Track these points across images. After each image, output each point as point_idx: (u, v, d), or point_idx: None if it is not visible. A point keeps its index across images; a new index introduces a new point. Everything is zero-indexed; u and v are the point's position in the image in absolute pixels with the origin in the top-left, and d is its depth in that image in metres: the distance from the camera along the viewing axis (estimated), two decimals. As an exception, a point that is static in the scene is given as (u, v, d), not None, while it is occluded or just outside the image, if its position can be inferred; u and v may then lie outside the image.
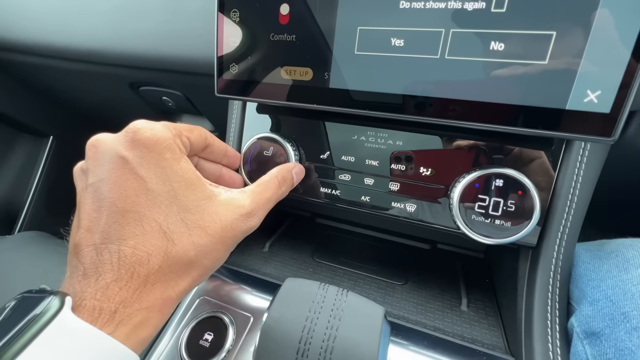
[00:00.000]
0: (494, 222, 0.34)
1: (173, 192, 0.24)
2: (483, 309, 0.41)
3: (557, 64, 0.27)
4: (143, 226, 0.23)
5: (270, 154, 0.42)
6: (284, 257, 0.49)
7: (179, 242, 0.24)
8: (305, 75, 0.37)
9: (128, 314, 0.21)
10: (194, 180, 0.26)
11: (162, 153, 0.25)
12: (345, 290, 0.28)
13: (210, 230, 0.25)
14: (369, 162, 0.40)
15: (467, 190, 0.35)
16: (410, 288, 0.44)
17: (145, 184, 0.24)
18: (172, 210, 0.24)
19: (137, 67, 0.55)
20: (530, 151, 0.35)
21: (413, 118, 0.33)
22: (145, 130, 0.25)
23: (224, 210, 0.26)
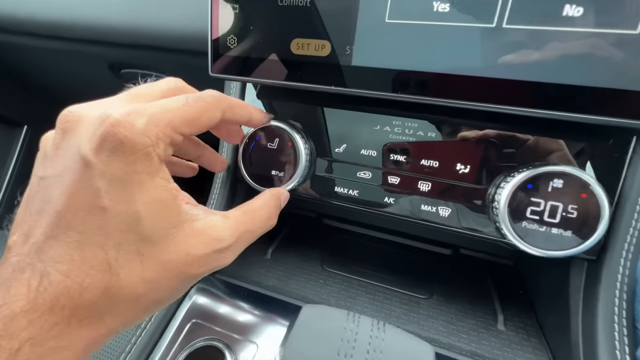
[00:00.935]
0: (550, 231, 0.28)
1: (135, 215, 0.19)
2: (523, 328, 0.36)
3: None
4: (84, 252, 0.18)
5: (275, 147, 0.35)
6: (289, 265, 0.43)
7: (126, 277, 0.19)
8: (321, 49, 0.30)
9: (38, 353, 0.17)
10: (167, 202, 0.20)
11: (133, 164, 0.19)
12: (382, 323, 0.22)
13: (170, 265, 0.20)
14: (394, 157, 0.34)
15: (517, 192, 0.29)
16: (436, 302, 0.38)
17: (100, 201, 0.18)
18: (127, 239, 0.19)
19: (115, 44, 0.47)
20: (592, 146, 0.29)
21: (458, 104, 0.27)
22: (121, 129, 0.19)
23: (196, 241, 0.21)
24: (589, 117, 0.24)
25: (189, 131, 0.22)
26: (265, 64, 0.32)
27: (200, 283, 0.36)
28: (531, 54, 0.24)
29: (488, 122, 0.31)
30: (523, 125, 0.30)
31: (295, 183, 0.35)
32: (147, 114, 0.20)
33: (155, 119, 0.20)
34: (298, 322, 0.22)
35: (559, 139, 0.30)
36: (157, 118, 0.20)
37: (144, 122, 0.19)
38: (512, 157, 0.31)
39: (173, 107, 0.21)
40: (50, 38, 0.52)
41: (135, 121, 0.19)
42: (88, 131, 0.19)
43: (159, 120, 0.20)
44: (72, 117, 0.20)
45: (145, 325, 0.32)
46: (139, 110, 0.20)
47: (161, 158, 0.20)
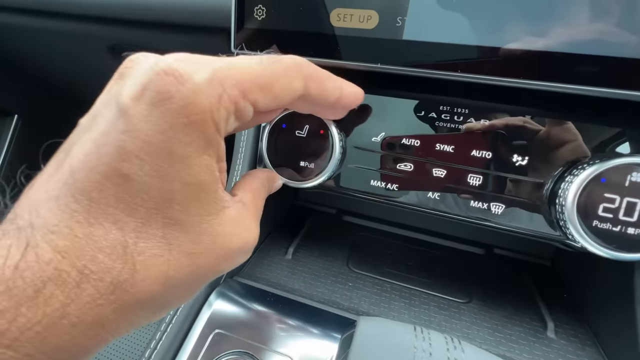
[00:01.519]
0: (626, 231, 0.25)
1: (169, 195, 0.15)
2: (575, 335, 0.33)
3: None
4: (93, 227, 0.14)
5: (304, 135, 0.31)
6: (313, 266, 0.39)
7: (143, 269, 0.15)
8: (366, 21, 0.26)
9: (9, 357, 0.12)
10: (207, 185, 0.16)
11: (181, 130, 0.15)
12: (457, 341, 0.19)
13: (201, 259, 0.16)
14: (440, 146, 0.30)
15: (588, 188, 0.25)
16: (477, 307, 0.35)
17: (124, 165, 0.14)
18: (153, 220, 0.15)
19: (117, 21, 0.42)
20: None
21: (532, 84, 0.23)
22: (174, 79, 0.14)
23: (231, 232, 0.18)
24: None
25: (263, 100, 0.17)
26: (298, 38, 0.28)
27: (220, 287, 0.32)
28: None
29: (554, 110, 0.28)
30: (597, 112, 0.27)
31: (327, 176, 0.31)
32: (212, 66, 0.16)
33: (220, 74, 0.15)
34: (356, 340, 0.18)
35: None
36: (224, 74, 0.16)
37: (206, 76, 0.15)
38: (583, 147, 0.27)
39: (244, 65, 0.17)
40: (47, 15, 0.47)
41: (196, 73, 0.15)
42: (137, 75, 0.15)
43: (225, 76, 0.16)
44: (135, 61, 0.16)
45: (160, 337, 0.28)
46: (204, 61, 0.16)
47: (219, 129, 0.16)
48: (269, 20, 0.28)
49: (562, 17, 0.22)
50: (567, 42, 0.22)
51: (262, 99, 0.17)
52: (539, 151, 0.28)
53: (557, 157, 0.28)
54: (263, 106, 0.17)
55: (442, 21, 0.24)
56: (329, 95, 0.21)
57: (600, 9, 0.21)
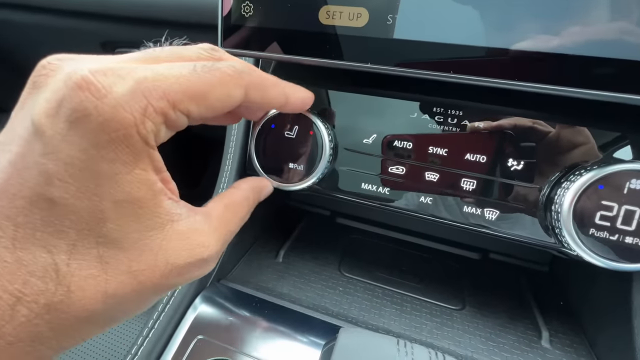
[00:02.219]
0: (624, 240, 0.24)
1: (100, 215, 0.14)
2: (570, 345, 0.32)
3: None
4: (22, 253, 0.13)
5: (293, 136, 0.31)
6: (303, 270, 0.38)
7: (79, 290, 0.14)
8: (356, 19, 0.25)
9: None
10: (143, 200, 0.15)
11: (104, 147, 0.14)
12: (441, 355, 0.18)
13: (143, 276, 0.16)
14: (433, 149, 0.29)
15: (584, 194, 0.24)
16: (470, 314, 0.34)
17: (49, 190, 0.13)
18: (86, 241, 0.14)
19: (110, 17, 0.41)
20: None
21: (530, 87, 0.22)
22: (90, 94, 0.13)
23: (178, 247, 0.17)
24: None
25: (197, 109, 0.16)
26: (286, 36, 0.27)
27: (206, 291, 0.31)
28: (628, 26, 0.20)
29: (552, 112, 0.27)
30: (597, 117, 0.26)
31: (316, 178, 0.30)
32: (134, 77, 0.14)
33: (144, 86, 0.14)
34: (337, 353, 0.17)
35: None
36: (148, 85, 0.14)
37: (127, 88, 0.14)
38: (582, 152, 0.26)
39: (174, 74, 0.15)
40: (37, 11, 0.47)
41: (115, 86, 0.14)
42: (51, 89, 0.14)
43: (150, 88, 0.14)
44: (49, 67, 0.15)
45: (141, 342, 0.27)
46: (125, 71, 0.14)
47: (148, 141, 0.15)
48: (256, 18, 0.27)
49: (558, 16, 0.21)
50: (563, 44, 0.21)
51: (195, 109, 0.16)
52: (538, 157, 0.27)
53: (557, 163, 0.27)
54: (197, 116, 0.16)
55: (434, 19, 0.23)
56: (273, 102, 0.21)
57: (595, 9, 0.20)
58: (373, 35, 0.25)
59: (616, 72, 0.21)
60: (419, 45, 0.24)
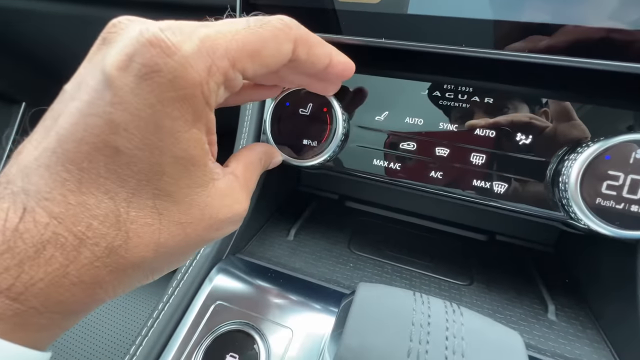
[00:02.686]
0: (630, 209, 0.25)
1: (159, 168, 0.15)
2: (576, 318, 0.32)
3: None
4: (85, 196, 0.14)
5: (307, 113, 0.32)
6: (314, 247, 0.39)
7: (136, 237, 0.15)
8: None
9: (15, 309, 0.13)
10: (197, 159, 0.17)
11: (170, 104, 0.15)
12: (456, 306, 0.19)
13: (190, 228, 0.17)
14: (444, 125, 0.30)
15: (591, 165, 0.25)
16: (478, 290, 0.35)
17: (115, 139, 0.14)
18: (144, 191, 0.15)
19: (124, 2, 0.42)
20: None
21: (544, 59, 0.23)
22: (162, 51, 0.14)
23: (220, 204, 0.18)
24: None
25: (252, 67, 0.17)
26: (302, 13, 0.28)
27: (222, 263, 0.32)
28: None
29: (560, 90, 0.28)
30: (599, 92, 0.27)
31: (330, 154, 0.31)
32: (199, 36, 0.15)
33: (208, 44, 0.15)
34: (356, 303, 0.18)
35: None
36: (212, 44, 0.15)
37: (195, 46, 0.15)
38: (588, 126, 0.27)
39: (231, 31, 0.16)
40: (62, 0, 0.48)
41: (184, 44, 0.14)
42: (123, 44, 0.15)
43: (213, 46, 0.15)
44: (119, 26, 0.16)
45: (162, 307, 0.28)
46: (191, 29, 0.15)
47: (209, 102, 0.16)
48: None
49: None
50: (582, 15, 0.22)
51: (251, 66, 0.17)
52: (547, 132, 0.28)
53: (564, 139, 0.28)
54: (252, 73, 0.17)
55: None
56: (317, 62, 0.20)
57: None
58: (387, 11, 0.26)
59: (626, 42, 0.22)
60: (433, 20, 0.25)
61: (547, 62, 0.24)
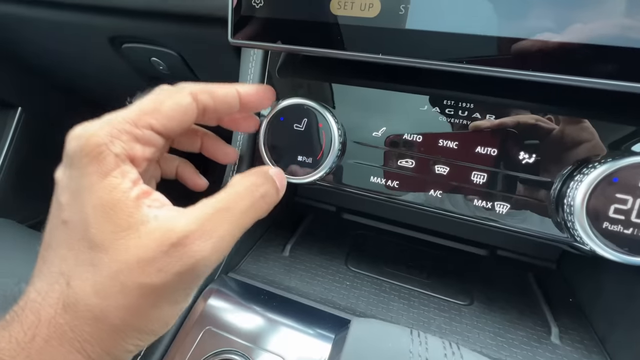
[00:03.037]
0: (639, 234, 0.24)
1: (86, 222, 0.18)
2: (580, 341, 0.31)
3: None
4: (48, 266, 0.18)
5: (302, 129, 0.30)
6: (310, 264, 0.38)
7: (80, 289, 0.17)
8: (368, 9, 0.25)
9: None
10: (116, 203, 0.18)
11: (85, 167, 0.18)
12: (455, 346, 0.18)
13: (123, 275, 0.17)
14: (443, 142, 0.29)
15: (598, 188, 0.24)
16: (479, 310, 0.34)
17: (61, 214, 0.19)
18: (82, 248, 0.18)
19: (117, 10, 0.41)
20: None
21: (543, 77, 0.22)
22: (73, 139, 0.19)
23: (146, 241, 0.17)
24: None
25: (156, 122, 0.20)
26: (297, 27, 0.27)
27: (213, 284, 0.31)
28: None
29: (563, 106, 0.26)
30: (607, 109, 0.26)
31: (326, 171, 0.30)
32: (103, 119, 0.19)
33: (108, 118, 0.20)
34: (349, 343, 0.17)
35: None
36: (111, 117, 0.20)
37: (98, 124, 0.19)
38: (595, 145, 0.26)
39: (130, 107, 0.20)
40: (42, 5, 0.47)
41: (88, 128, 0.19)
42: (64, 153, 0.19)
43: (112, 118, 0.19)
44: (74, 134, 0.20)
45: (150, 333, 0.27)
46: (91, 123, 0.19)
47: (119, 156, 0.19)
48: (266, 8, 0.27)
49: (583, 6, 0.21)
50: (587, 34, 0.21)
51: (155, 122, 0.20)
52: (551, 150, 0.27)
53: (570, 156, 0.27)
54: (161, 127, 0.20)
55: (447, 9, 0.23)
56: (227, 99, 0.23)
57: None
58: (385, 26, 0.24)
59: (630, 62, 0.21)
60: (431, 36, 0.24)
61: (544, 80, 0.23)
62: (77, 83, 0.80)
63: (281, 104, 0.30)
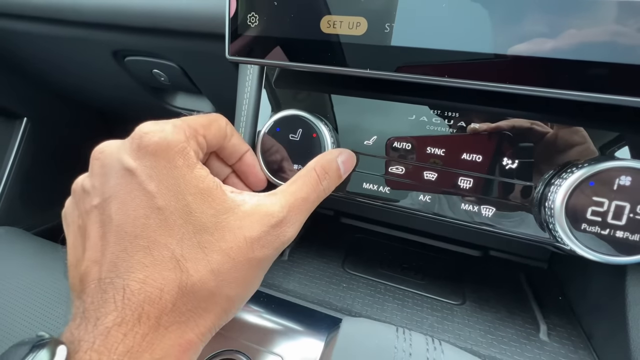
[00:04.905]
0: (614, 235, 0.25)
1: (187, 208, 0.20)
2: (567, 338, 0.33)
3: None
4: (153, 255, 0.19)
5: (297, 139, 0.32)
6: (308, 267, 0.40)
7: (195, 271, 0.19)
8: (355, 28, 0.26)
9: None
10: (211, 189, 0.21)
11: (173, 160, 0.20)
12: (438, 342, 0.19)
13: (233, 252, 0.20)
14: (431, 150, 0.30)
15: (576, 191, 0.25)
16: (470, 309, 0.35)
17: (155, 201, 0.19)
18: (187, 232, 0.19)
19: (121, 27, 0.43)
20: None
21: (516, 89, 0.24)
22: (153, 134, 0.21)
23: (249, 222, 0.21)
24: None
25: (208, 136, 0.24)
26: (290, 45, 0.28)
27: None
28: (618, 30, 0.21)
29: (544, 113, 0.28)
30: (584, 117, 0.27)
31: (320, 178, 0.32)
32: (171, 122, 0.22)
33: (178, 123, 0.22)
34: (340, 341, 0.19)
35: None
36: (180, 122, 0.23)
37: (171, 126, 0.22)
38: (574, 151, 0.27)
39: (187, 119, 0.24)
40: (46, 22, 0.49)
41: (164, 127, 0.21)
42: (124, 146, 0.21)
43: (182, 123, 0.23)
44: (105, 146, 0.22)
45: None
46: (162, 123, 0.22)
47: (196, 153, 0.22)
48: (261, 28, 0.29)
49: (558, 23, 0.22)
50: (561, 48, 0.23)
51: (208, 134, 0.24)
52: (539, 154, 0.28)
53: (556, 160, 0.28)
54: (210, 140, 0.24)
55: (429, 27, 0.25)
56: (237, 149, 0.29)
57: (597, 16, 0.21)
58: (372, 43, 0.26)
59: (609, 75, 0.22)
60: (414, 52, 0.25)
61: (521, 92, 0.24)
62: (81, 94, 0.82)
63: (277, 115, 0.32)
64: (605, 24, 0.21)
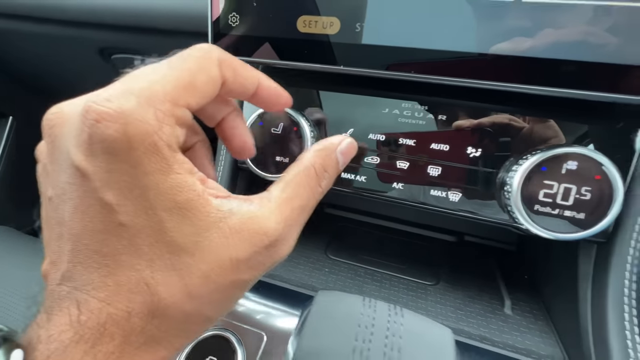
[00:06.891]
0: (563, 214, 0.28)
1: (159, 225, 0.16)
2: (529, 312, 0.36)
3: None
4: (117, 275, 0.15)
5: (279, 132, 0.34)
6: (292, 254, 0.41)
7: (169, 295, 0.16)
8: (329, 27, 0.28)
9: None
10: (191, 202, 0.16)
11: (139, 165, 0.15)
12: (399, 308, 0.21)
13: (214, 274, 0.16)
14: (403, 141, 0.33)
15: (530, 176, 0.28)
16: (443, 289, 0.38)
17: (115, 216, 0.15)
18: (159, 252, 0.16)
19: (106, 26, 0.44)
20: (598, 129, 0.29)
21: (476, 83, 0.26)
22: (108, 123, 0.15)
23: (237, 241, 0.17)
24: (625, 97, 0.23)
25: (193, 99, 0.17)
26: (269, 43, 0.30)
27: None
28: (553, 30, 0.23)
29: (505, 104, 0.30)
30: (537, 107, 0.30)
31: (301, 169, 0.34)
32: (134, 91, 0.15)
33: (147, 94, 0.15)
34: (313, 309, 0.21)
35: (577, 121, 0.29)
36: (150, 93, 0.15)
37: (134, 103, 0.15)
38: (528, 140, 0.30)
39: (160, 75, 0.16)
40: (39, 21, 0.49)
41: (123, 105, 0.15)
42: (73, 134, 0.15)
43: (153, 94, 0.15)
44: (56, 119, 0.17)
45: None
46: (124, 90, 0.15)
47: (171, 145, 0.16)
48: (242, 27, 0.31)
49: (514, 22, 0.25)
50: (515, 47, 0.25)
51: (192, 99, 0.17)
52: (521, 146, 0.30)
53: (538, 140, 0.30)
54: (196, 106, 0.17)
55: (397, 27, 0.27)
56: (245, 82, 0.20)
57: (529, 18, 0.24)
58: (344, 41, 0.28)
59: (577, 72, 0.25)
60: (383, 50, 0.28)
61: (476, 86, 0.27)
62: (67, 91, 0.82)
63: (259, 110, 0.34)
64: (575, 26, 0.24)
